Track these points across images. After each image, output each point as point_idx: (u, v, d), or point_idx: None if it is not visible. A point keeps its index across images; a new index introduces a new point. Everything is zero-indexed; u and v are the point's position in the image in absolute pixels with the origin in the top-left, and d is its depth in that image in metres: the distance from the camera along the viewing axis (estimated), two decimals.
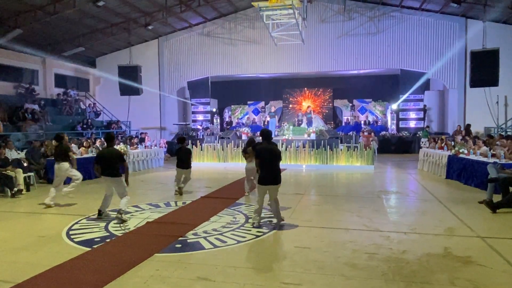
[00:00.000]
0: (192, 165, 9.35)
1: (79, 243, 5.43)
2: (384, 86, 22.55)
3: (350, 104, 23.23)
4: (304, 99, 23.92)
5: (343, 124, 22.59)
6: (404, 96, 20.26)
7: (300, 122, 22.18)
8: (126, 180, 6.72)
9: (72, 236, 5.75)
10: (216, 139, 17.11)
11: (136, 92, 18.38)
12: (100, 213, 6.82)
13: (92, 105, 21.26)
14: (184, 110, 23.69)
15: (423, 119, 20.56)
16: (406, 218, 6.81)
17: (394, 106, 21.30)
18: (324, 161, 14.59)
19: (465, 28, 18.97)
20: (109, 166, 6.56)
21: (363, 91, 23.02)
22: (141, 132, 20.17)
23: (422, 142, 17.61)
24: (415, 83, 20.24)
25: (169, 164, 16.56)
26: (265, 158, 5.89)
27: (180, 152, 9.15)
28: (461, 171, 10.51)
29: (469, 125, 17.31)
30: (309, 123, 20.04)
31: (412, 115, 20.99)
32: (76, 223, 6.54)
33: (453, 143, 12.86)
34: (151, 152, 15.19)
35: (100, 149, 12.76)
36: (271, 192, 6.01)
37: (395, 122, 21.26)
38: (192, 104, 23.39)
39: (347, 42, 20.42)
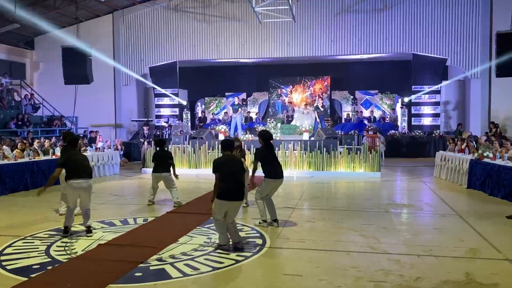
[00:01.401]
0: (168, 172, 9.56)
1: (12, 271, 5.38)
2: (393, 74, 22.89)
3: (351, 97, 23.45)
4: (295, 90, 24.08)
5: (343, 121, 22.79)
6: (420, 91, 20.58)
7: (290, 119, 22.31)
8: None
9: (3, 263, 5.69)
10: (186, 140, 17.16)
11: (85, 80, 18.20)
12: (66, 230, 6.96)
13: (29, 97, 20.98)
14: (146, 103, 23.66)
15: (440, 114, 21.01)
16: (420, 237, 6.88)
17: (405, 99, 21.61)
18: (319, 167, 14.74)
19: (490, 4, 19.37)
20: (83, 170, 6.91)
21: (367, 80, 23.26)
22: (91, 130, 20.09)
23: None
24: (430, 71, 20.61)
25: (126, 170, 16.42)
26: (225, 172, 6.01)
27: (156, 157, 9.50)
28: (486, 179, 10.64)
29: (494, 124, 17.59)
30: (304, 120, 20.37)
31: (427, 110, 21.35)
32: (9, 246, 6.47)
33: (475, 144, 13.02)
34: (104, 156, 15.07)
35: (40, 151, 12.68)
36: (232, 210, 6.08)
37: (406, 118, 21.56)
38: (155, 96, 23.35)
39: (348, 20, 20.64)
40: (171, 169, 9.44)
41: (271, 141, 7.45)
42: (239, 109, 20.09)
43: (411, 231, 7.27)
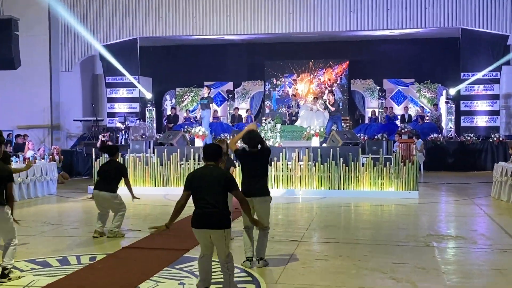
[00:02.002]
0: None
1: None
2: (435, 57, 22.85)
3: (378, 88, 23.42)
4: (301, 79, 24.17)
5: (367, 121, 22.76)
6: (472, 80, 20.67)
7: (294, 118, 22.35)
8: (12, 214, 6.98)
9: None
10: (149, 146, 17.14)
11: (10, 64, 18.08)
12: (4, 272, 6.92)
13: None
14: (94, 96, 23.71)
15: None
16: (473, 281, 6.88)
17: (452, 90, 21.76)
18: (334, 185, 14.79)
19: None
20: None
21: (399, 65, 23.22)
22: (17, 134, 20.02)
23: None
24: (486, 52, 20.73)
25: (66, 190, 16.37)
26: (194, 190, 6.02)
27: (102, 170, 9.63)
28: None
29: None
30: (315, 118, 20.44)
31: (482, 105, 21.49)
32: None
33: None
34: (35, 170, 14.91)
35: None
36: (215, 242, 6.02)
37: (453, 117, 21.69)
38: (107, 86, 23.37)
39: None
40: (127, 187, 9.46)
41: (257, 147, 7.51)
42: (210, 105, 19.88)
43: (460, 272, 7.25)
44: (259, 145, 7.51)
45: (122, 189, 9.51)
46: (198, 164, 14.75)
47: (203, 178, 6.05)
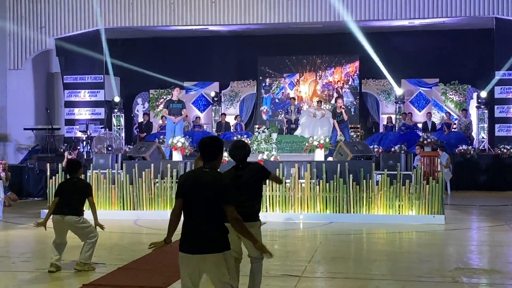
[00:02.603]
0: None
1: None
2: (464, 53, 22.96)
3: (395, 90, 23.51)
4: (305, 79, 24.31)
5: (381, 129, 22.89)
6: (509, 81, 20.77)
7: (293, 126, 22.39)
8: None
9: None
10: (116, 161, 17.11)
11: None
12: None
13: None
14: (49, 100, 23.65)
15: None
16: None
17: (484, 93, 21.73)
18: (342, 208, 14.75)
19: None
20: None
21: (420, 63, 23.32)
22: None
23: None
24: None
25: (15, 214, 16.30)
26: (187, 198, 5.80)
27: (61, 189, 9.53)
28: None
29: None
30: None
31: None
32: None
33: None
34: None
35: None
36: (210, 271, 5.75)
37: (486, 125, 21.72)
38: (66, 87, 23.35)
39: None
40: (90, 210, 9.43)
41: (244, 163, 7.33)
42: (182, 111, 19.73)
43: None
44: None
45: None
46: (176, 182, 14.58)
47: (194, 184, 5.76)
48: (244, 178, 7.15)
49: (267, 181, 11.05)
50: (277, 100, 25.23)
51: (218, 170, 5.83)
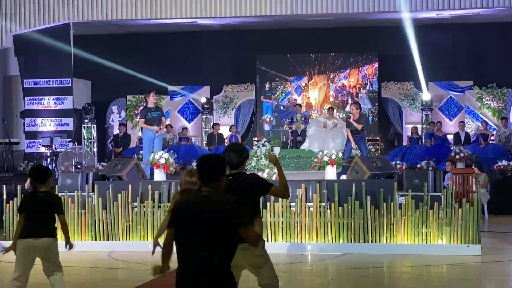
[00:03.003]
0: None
1: None
2: (503, 51, 23.14)
3: (421, 94, 23.59)
4: (314, 82, 24.25)
5: (405, 142, 23.11)
6: None
7: (299, 138, 22.67)
8: None
9: None
10: (87, 182, 16.97)
11: None
12: None
13: None
14: (6, 109, 23.87)
15: None
16: None
17: None
18: (359, 236, 14.68)
19: None
20: None
21: (451, 62, 23.61)
22: None
23: None
24: None
25: None
26: (179, 228, 5.72)
27: (26, 203, 9.21)
28: None
29: None
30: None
31: None
32: None
33: None
34: None
35: None
36: None
37: None
38: (26, 93, 23.59)
39: None
40: (62, 229, 9.07)
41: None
42: (163, 119, 19.73)
43: None
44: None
45: None
46: (159, 207, 14.88)
47: (191, 211, 5.62)
48: (234, 193, 6.73)
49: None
50: (281, 108, 25.41)
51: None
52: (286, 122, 24.61)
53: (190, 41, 24.48)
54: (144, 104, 20.95)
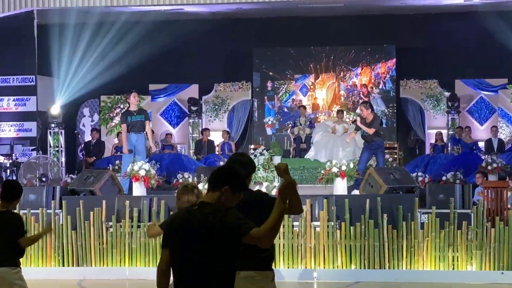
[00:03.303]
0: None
1: None
2: None
3: (446, 93, 23.68)
4: (322, 81, 24.37)
5: (428, 150, 23.21)
6: None
7: (303, 145, 22.91)
8: None
9: None
10: (53, 197, 16.92)
11: None
12: None
13: None
14: None
15: None
16: None
17: None
18: (373, 261, 14.70)
19: None
20: None
21: (480, 57, 23.74)
22: None
23: None
24: None
25: None
26: (176, 248, 5.79)
27: None
28: None
29: None
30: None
31: None
32: None
33: None
34: None
35: None
36: None
37: None
38: None
39: None
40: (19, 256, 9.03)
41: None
42: (147, 123, 19.50)
43: None
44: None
45: None
46: (138, 227, 14.99)
47: (189, 225, 5.72)
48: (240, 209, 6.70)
49: None
50: (285, 109, 25.56)
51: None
52: (290, 125, 24.69)
53: (175, 31, 24.32)
54: (127, 107, 20.88)
